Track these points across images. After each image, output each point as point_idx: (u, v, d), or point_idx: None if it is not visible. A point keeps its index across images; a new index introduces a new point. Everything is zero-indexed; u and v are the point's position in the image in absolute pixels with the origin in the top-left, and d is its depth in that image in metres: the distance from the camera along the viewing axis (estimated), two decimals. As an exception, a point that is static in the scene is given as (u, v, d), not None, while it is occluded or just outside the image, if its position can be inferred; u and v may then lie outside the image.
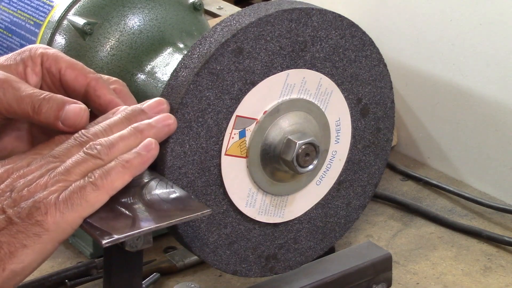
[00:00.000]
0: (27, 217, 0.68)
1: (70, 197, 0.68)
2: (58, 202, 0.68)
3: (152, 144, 0.72)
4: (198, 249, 0.81)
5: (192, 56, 0.76)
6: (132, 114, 0.75)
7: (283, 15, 0.78)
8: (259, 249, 0.85)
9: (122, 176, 0.70)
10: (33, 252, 0.68)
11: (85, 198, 0.68)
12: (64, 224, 0.68)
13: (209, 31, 0.77)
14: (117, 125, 0.74)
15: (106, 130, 0.73)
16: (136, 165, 0.71)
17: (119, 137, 0.72)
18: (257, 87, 0.78)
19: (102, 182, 0.69)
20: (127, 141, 0.72)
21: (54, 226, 0.68)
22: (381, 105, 0.88)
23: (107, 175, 0.70)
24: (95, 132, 0.73)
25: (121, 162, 0.71)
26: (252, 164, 0.80)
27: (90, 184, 0.69)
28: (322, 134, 0.84)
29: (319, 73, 0.82)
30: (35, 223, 0.67)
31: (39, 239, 0.67)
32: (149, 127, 0.73)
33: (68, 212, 0.68)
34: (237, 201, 0.81)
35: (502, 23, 1.15)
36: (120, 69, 0.99)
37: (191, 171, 0.77)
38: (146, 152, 0.72)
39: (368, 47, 0.84)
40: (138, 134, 0.73)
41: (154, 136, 0.73)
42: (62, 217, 0.68)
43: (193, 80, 0.75)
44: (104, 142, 0.72)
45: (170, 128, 0.75)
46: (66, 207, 0.68)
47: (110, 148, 0.71)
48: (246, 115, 0.79)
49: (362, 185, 0.89)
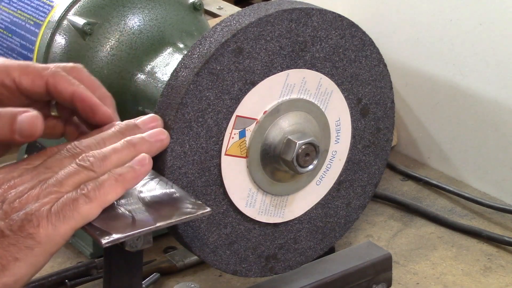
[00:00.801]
0: (19, 229, 0.67)
1: (62, 209, 0.68)
2: (50, 214, 0.67)
3: (146, 159, 0.72)
4: (198, 249, 0.81)
5: (192, 56, 0.76)
6: (126, 128, 0.75)
7: (283, 15, 0.78)
8: (259, 249, 0.85)
9: (114, 189, 0.70)
10: (26, 265, 0.67)
11: (78, 210, 0.68)
12: (56, 236, 0.67)
13: (209, 31, 0.77)
14: (110, 138, 0.73)
15: (99, 142, 0.73)
16: (129, 179, 0.71)
17: (112, 150, 0.72)
18: (257, 87, 0.78)
19: (95, 194, 0.69)
20: (120, 154, 0.72)
21: (46, 238, 0.67)
22: (381, 105, 0.88)
23: (100, 188, 0.69)
24: (88, 144, 0.72)
25: (114, 175, 0.70)
26: (252, 164, 0.80)
27: (82, 196, 0.68)
28: (322, 134, 0.84)
29: (319, 73, 0.82)
30: (27, 235, 0.67)
31: (31, 252, 0.67)
32: (142, 141, 0.73)
33: (60, 225, 0.67)
34: (237, 201, 0.81)
35: (502, 23, 1.15)
36: (120, 69, 0.98)
37: (191, 171, 0.77)
38: (139, 167, 0.71)
39: (368, 47, 0.84)
40: (131, 147, 0.72)
41: (146, 150, 0.73)
42: (54, 229, 0.67)
43: (193, 80, 0.75)
44: (97, 154, 0.71)
45: (162, 144, 0.75)
46: (58, 219, 0.67)
47: (103, 160, 0.71)
48: (246, 115, 0.79)
49: (362, 185, 0.89)
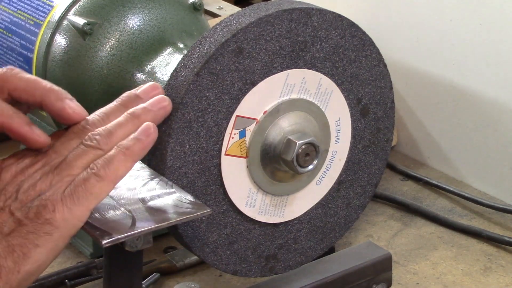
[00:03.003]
0: (36, 216, 0.67)
1: (75, 191, 0.68)
2: (64, 198, 0.68)
3: (150, 128, 0.72)
4: (198, 249, 0.81)
5: (192, 56, 0.76)
6: (127, 99, 0.75)
7: (283, 15, 0.78)
8: (259, 249, 0.85)
9: (124, 164, 0.70)
10: (46, 250, 0.67)
11: (90, 190, 0.68)
12: (73, 219, 0.68)
13: (209, 31, 0.77)
14: (113, 112, 0.74)
15: (103, 118, 0.73)
16: (137, 151, 0.71)
17: (116, 125, 0.72)
18: (257, 87, 0.78)
19: (105, 172, 0.69)
20: (125, 127, 0.72)
21: (64, 222, 0.68)
22: (381, 105, 0.88)
23: (109, 164, 0.69)
24: (92, 122, 0.73)
25: (121, 149, 0.70)
26: (252, 164, 0.80)
27: (93, 176, 0.69)
28: (322, 134, 0.84)
29: (319, 73, 0.82)
30: (44, 221, 0.67)
31: (51, 237, 0.67)
32: (145, 111, 0.73)
33: (75, 207, 0.68)
34: (237, 201, 0.81)
35: (502, 23, 1.15)
36: (120, 69, 0.98)
37: (191, 171, 0.77)
38: (145, 137, 0.71)
39: (368, 47, 0.84)
40: (135, 119, 0.72)
41: (151, 119, 0.73)
42: (70, 212, 0.68)
43: (193, 80, 0.75)
44: (102, 131, 0.71)
45: (166, 110, 0.74)
46: (73, 202, 0.68)
47: (109, 136, 0.71)
48: (246, 115, 0.79)
49: (362, 185, 0.89)
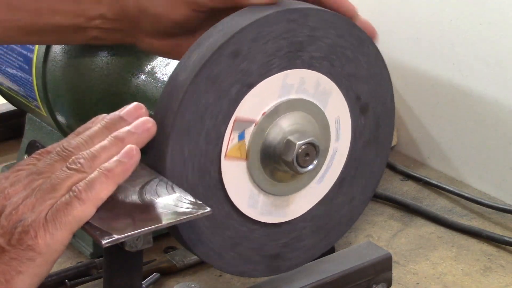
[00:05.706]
0: (18, 243, 0.67)
1: (57, 215, 0.67)
2: (46, 223, 0.67)
3: (133, 150, 0.71)
4: (203, 254, 0.80)
5: (189, 60, 0.76)
6: (111, 122, 0.74)
7: (281, 16, 0.78)
8: (263, 249, 0.84)
9: (106, 186, 0.69)
10: (29, 277, 0.67)
11: (72, 214, 0.68)
12: (55, 244, 0.67)
13: (206, 34, 0.77)
14: (98, 135, 0.73)
15: (87, 141, 0.73)
16: (119, 173, 0.70)
17: (100, 148, 0.72)
18: (255, 88, 0.78)
19: (87, 195, 0.68)
20: (109, 151, 0.71)
21: (46, 248, 0.67)
22: (380, 102, 0.87)
23: (91, 187, 0.69)
24: (76, 145, 0.72)
25: (103, 171, 0.70)
26: (252, 166, 0.80)
27: (75, 199, 0.68)
28: (322, 133, 0.83)
29: (317, 73, 0.82)
30: (27, 247, 0.67)
31: (33, 263, 0.67)
32: (129, 134, 0.73)
33: (57, 232, 0.67)
34: (239, 203, 0.81)
35: (502, 23, 1.15)
36: (120, 69, 0.99)
37: (191, 175, 0.77)
38: (127, 159, 0.71)
39: (366, 45, 0.84)
40: (119, 143, 0.72)
41: (135, 142, 0.72)
42: (52, 238, 0.67)
43: (191, 84, 0.75)
44: (87, 155, 0.71)
45: (150, 133, 0.74)
46: (55, 226, 0.67)
47: (93, 160, 0.71)
48: (245, 117, 0.78)
49: (363, 182, 0.89)
